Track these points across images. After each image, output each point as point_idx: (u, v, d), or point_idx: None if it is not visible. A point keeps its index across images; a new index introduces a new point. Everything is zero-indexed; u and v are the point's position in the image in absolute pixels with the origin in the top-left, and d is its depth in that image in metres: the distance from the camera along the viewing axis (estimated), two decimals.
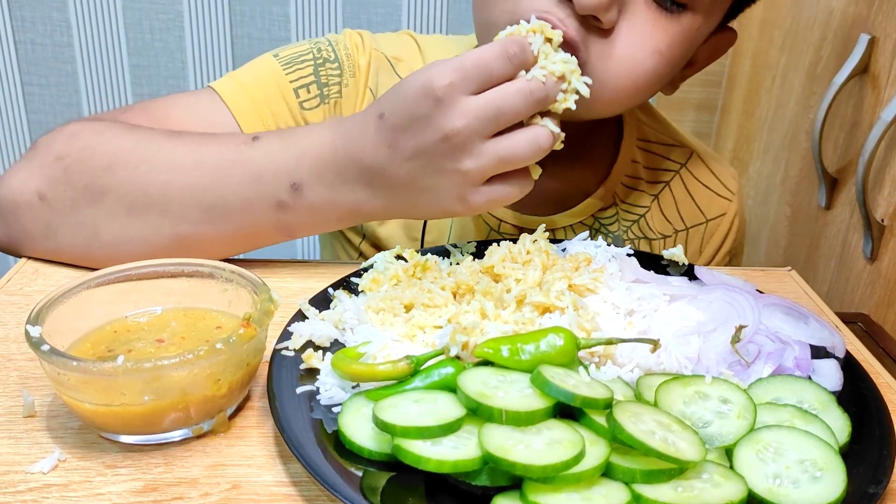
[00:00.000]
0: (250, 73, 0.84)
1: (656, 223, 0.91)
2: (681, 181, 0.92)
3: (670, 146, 0.93)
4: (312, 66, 0.84)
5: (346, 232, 0.93)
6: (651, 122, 0.94)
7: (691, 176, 0.92)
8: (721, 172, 0.94)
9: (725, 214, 0.93)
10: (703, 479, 0.46)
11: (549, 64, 0.63)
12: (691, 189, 0.92)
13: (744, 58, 1.41)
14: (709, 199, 0.92)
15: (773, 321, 0.62)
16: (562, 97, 0.64)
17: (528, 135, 0.63)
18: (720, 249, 0.93)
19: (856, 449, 0.51)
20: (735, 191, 0.94)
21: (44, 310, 0.53)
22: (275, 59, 0.85)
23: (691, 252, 0.92)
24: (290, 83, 0.83)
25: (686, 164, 0.92)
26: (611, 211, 0.89)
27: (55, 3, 1.49)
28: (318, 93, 0.84)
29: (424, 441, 0.46)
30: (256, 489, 0.49)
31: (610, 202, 0.89)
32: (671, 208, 0.91)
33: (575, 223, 0.88)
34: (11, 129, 1.60)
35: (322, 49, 0.85)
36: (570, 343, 0.53)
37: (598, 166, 0.90)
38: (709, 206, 0.92)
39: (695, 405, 0.52)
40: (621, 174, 0.90)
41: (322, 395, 0.54)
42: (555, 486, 0.44)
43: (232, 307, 0.59)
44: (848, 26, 1.03)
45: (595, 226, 0.89)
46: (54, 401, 0.55)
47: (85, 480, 0.49)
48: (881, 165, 0.91)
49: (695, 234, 0.92)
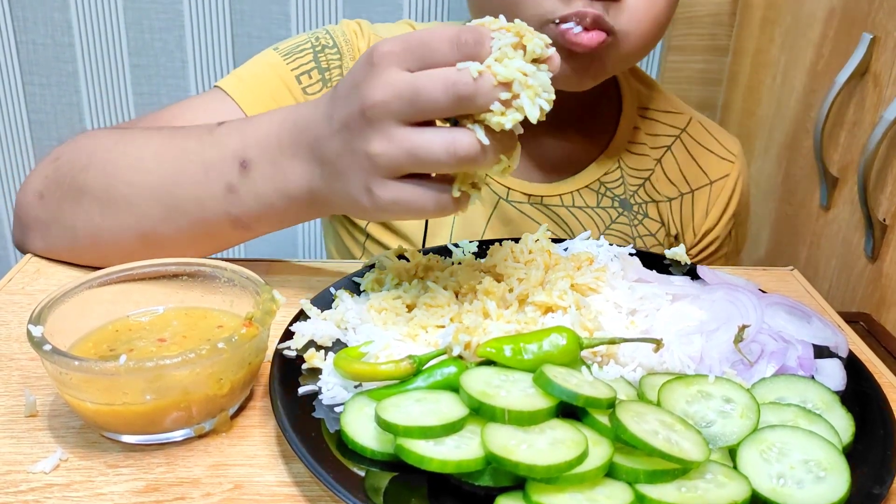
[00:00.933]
0: (252, 68, 0.86)
1: (661, 186, 0.93)
2: (682, 145, 0.94)
3: (669, 113, 0.96)
4: (312, 54, 0.86)
5: (350, 229, 0.93)
6: (650, 92, 0.96)
7: (692, 139, 0.95)
8: (722, 136, 0.97)
9: (729, 175, 0.94)
10: (707, 479, 0.46)
11: (497, 64, 0.53)
12: (693, 152, 0.94)
13: (744, 56, 1.41)
14: (711, 162, 0.94)
15: (775, 320, 0.62)
16: (498, 108, 0.53)
17: (445, 135, 0.54)
18: (725, 211, 0.95)
19: (859, 449, 0.51)
20: (738, 153, 0.96)
21: (46, 309, 0.53)
22: (275, 51, 0.87)
23: (698, 214, 0.94)
24: (292, 71, 0.85)
25: (686, 129, 0.95)
26: (616, 174, 0.91)
27: (56, 4, 1.49)
28: (319, 77, 0.86)
29: (427, 441, 0.46)
30: (258, 489, 0.49)
31: (615, 166, 0.91)
32: (675, 171, 0.93)
33: (582, 188, 0.90)
34: (13, 129, 1.60)
35: (320, 38, 0.88)
36: (572, 342, 0.53)
37: (601, 132, 0.92)
38: (712, 168, 0.94)
39: (698, 405, 0.52)
40: (624, 140, 0.92)
41: (324, 394, 0.54)
42: (558, 487, 0.44)
43: (234, 307, 0.59)
44: (848, 25, 1.03)
45: (601, 190, 0.91)
46: (56, 400, 0.55)
47: (87, 480, 0.49)
48: (883, 165, 0.91)
49: (700, 196, 0.93)
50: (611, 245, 0.71)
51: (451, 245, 0.73)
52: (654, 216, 0.92)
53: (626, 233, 0.92)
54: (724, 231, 0.95)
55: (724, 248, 0.97)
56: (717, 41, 1.49)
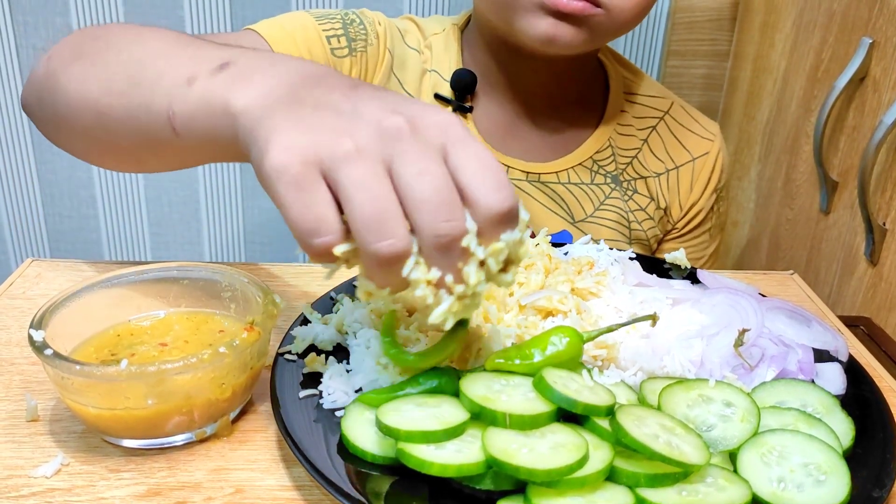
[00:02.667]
0: (284, 19, 0.89)
1: (649, 162, 1.00)
2: (666, 125, 1.02)
3: (653, 97, 1.03)
4: (341, 23, 0.91)
5: None
6: (634, 78, 1.03)
7: (674, 121, 1.02)
8: (701, 118, 1.04)
9: (709, 153, 1.02)
10: (708, 482, 0.46)
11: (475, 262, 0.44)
12: (675, 132, 1.02)
13: (744, 61, 1.41)
14: (693, 141, 1.02)
15: (776, 325, 0.62)
16: None
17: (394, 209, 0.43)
18: (708, 185, 1.02)
19: (859, 453, 0.51)
20: (716, 133, 1.03)
21: (47, 314, 0.53)
22: (306, 12, 0.91)
23: (683, 189, 1.01)
24: (323, 31, 0.89)
25: (668, 112, 1.02)
26: (607, 153, 0.98)
27: (57, 8, 1.49)
28: (346, 44, 0.90)
29: (428, 445, 0.46)
30: (260, 493, 0.49)
31: (606, 145, 0.98)
32: (660, 148, 1.01)
33: (575, 165, 0.96)
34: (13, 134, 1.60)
35: (348, 13, 0.93)
36: (575, 339, 0.53)
37: (591, 112, 0.99)
38: (694, 147, 1.01)
39: (698, 409, 0.52)
40: (612, 121, 0.99)
41: (325, 398, 0.54)
42: (559, 490, 0.44)
43: (235, 311, 0.59)
44: (849, 29, 1.03)
45: (594, 168, 0.97)
46: (57, 405, 0.55)
47: (88, 485, 0.49)
48: (883, 169, 0.91)
49: (685, 172, 1.01)
50: (611, 249, 0.71)
51: None
52: (643, 191, 0.99)
53: (620, 207, 0.98)
54: (708, 204, 1.02)
55: (708, 222, 1.04)
56: (717, 46, 1.50)
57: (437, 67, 0.94)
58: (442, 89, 0.93)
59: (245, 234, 1.64)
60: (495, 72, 0.93)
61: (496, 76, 0.94)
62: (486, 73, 0.94)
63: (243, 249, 1.66)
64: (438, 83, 0.93)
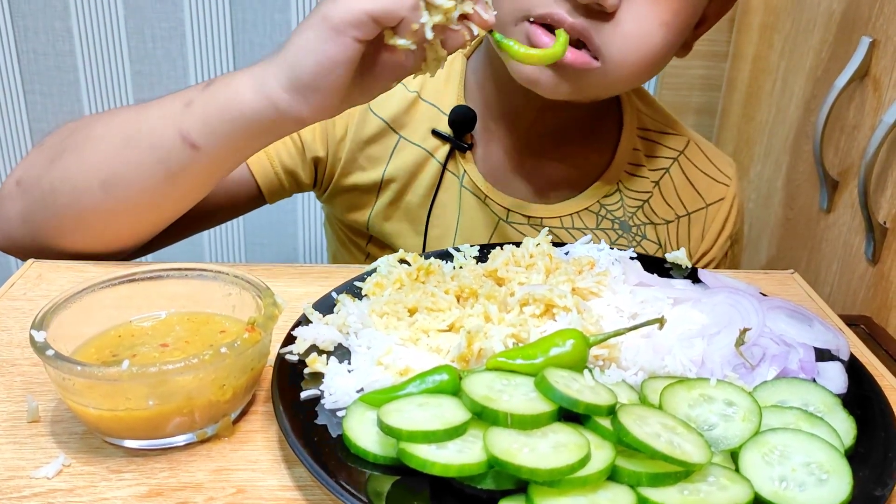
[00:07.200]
0: None
1: (659, 208, 0.93)
2: (679, 168, 0.94)
3: (668, 134, 0.96)
4: None
5: (352, 234, 0.93)
6: (649, 112, 0.96)
7: (689, 163, 0.95)
8: (717, 159, 0.97)
9: (724, 199, 0.95)
10: (709, 482, 0.46)
11: None
12: (690, 175, 0.94)
13: (744, 62, 1.41)
14: (707, 185, 0.95)
15: (777, 324, 0.62)
16: None
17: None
18: (721, 233, 0.95)
19: (861, 452, 0.51)
20: (732, 176, 0.96)
21: (48, 315, 0.53)
22: None
23: (694, 237, 0.94)
24: None
25: (683, 152, 0.95)
26: (615, 197, 0.91)
27: (57, 12, 1.49)
28: None
29: (430, 445, 0.46)
30: (261, 493, 0.49)
31: (614, 188, 0.91)
32: (672, 194, 0.93)
33: (581, 210, 0.90)
34: (14, 138, 1.60)
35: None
36: (580, 342, 0.53)
37: (601, 152, 0.92)
38: (707, 192, 0.95)
39: (700, 408, 0.52)
40: (624, 161, 0.92)
41: (326, 399, 0.54)
42: (560, 490, 0.44)
43: (236, 311, 0.59)
44: (848, 29, 1.03)
45: (601, 212, 0.91)
46: (58, 406, 0.55)
47: (89, 485, 0.49)
48: (883, 168, 0.91)
49: (696, 219, 0.94)
50: (612, 249, 0.71)
51: (453, 249, 0.74)
52: (652, 238, 0.92)
53: None
54: (721, 252, 0.96)
55: (721, 267, 0.97)
56: (716, 46, 1.50)
57: (434, 100, 0.88)
58: (439, 124, 0.87)
59: (245, 234, 1.65)
60: (499, 104, 0.87)
61: (500, 109, 0.88)
62: (489, 105, 0.88)
63: (243, 249, 1.66)
64: (436, 117, 0.88)
